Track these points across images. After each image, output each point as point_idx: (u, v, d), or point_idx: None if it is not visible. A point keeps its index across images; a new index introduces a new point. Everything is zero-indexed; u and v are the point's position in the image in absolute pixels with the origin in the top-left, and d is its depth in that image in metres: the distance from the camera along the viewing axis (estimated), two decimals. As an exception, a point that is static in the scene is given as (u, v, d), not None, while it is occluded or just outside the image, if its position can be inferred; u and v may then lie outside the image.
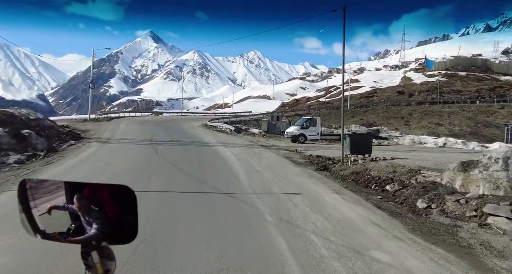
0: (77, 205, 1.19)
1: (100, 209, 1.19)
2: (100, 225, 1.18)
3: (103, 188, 1.22)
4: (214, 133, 25.18)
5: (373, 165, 10.63)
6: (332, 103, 62.41)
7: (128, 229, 1.19)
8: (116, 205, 1.20)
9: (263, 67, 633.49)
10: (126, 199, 1.19)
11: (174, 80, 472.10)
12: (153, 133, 20.80)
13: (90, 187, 1.22)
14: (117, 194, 1.20)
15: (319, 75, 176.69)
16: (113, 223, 1.19)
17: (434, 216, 6.76)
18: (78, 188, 1.21)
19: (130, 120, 33.46)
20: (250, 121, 46.00)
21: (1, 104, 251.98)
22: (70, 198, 1.21)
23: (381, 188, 8.83)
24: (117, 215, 1.20)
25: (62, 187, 1.23)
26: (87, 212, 1.19)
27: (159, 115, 49.88)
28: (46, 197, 1.23)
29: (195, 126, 32.41)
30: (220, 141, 19.09)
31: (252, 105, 77.54)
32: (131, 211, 1.19)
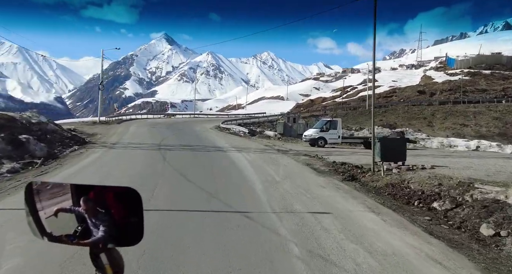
0: (84, 207, 1.21)
1: (106, 211, 1.21)
2: (106, 227, 1.19)
3: (108, 190, 1.24)
4: (227, 136, 23.97)
5: (412, 176, 9.12)
6: (348, 103, 60.36)
7: (134, 231, 1.21)
8: (122, 207, 1.22)
9: (277, 68, 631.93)
10: (132, 201, 1.21)
11: (188, 82, 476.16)
12: (163, 137, 19.73)
13: (96, 189, 1.24)
14: (122, 196, 1.22)
15: (333, 76, 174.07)
16: (119, 225, 1.20)
17: (509, 248, 5.25)
18: (84, 190, 1.23)
19: (141, 123, 32.63)
20: (264, 123, 44.66)
21: (20, 107, 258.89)
22: (77, 200, 1.23)
23: (427, 205, 7.33)
24: (123, 217, 1.22)
25: (69, 189, 1.25)
26: (93, 214, 1.21)
27: (171, 117, 49.15)
28: (53, 200, 1.24)
29: (208, 128, 31.30)
30: (234, 145, 17.83)
31: (266, 106, 76.10)
32: (136, 213, 1.21)
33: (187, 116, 52.20)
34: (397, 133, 24.29)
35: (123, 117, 39.03)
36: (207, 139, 20.69)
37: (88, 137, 18.20)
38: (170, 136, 20.74)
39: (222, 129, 31.32)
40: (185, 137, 21.15)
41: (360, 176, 10.12)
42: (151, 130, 24.45)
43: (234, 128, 30.45)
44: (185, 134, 23.24)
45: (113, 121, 32.17)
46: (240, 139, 22.12)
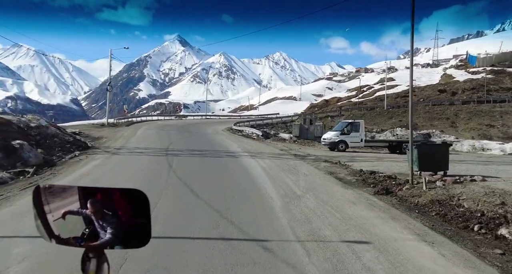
0: (91, 209, 1.21)
1: (113, 213, 1.21)
2: (114, 229, 1.20)
3: (115, 192, 1.24)
4: (240, 139, 22.66)
5: (462, 190, 7.57)
6: (365, 103, 58.23)
7: (142, 232, 1.21)
8: (129, 209, 1.21)
9: (289, 68, 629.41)
10: (139, 203, 1.20)
11: (201, 83, 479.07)
12: (171, 141, 18.58)
13: (103, 192, 1.24)
14: (129, 197, 1.22)
15: (346, 75, 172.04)
16: (126, 227, 1.20)
17: None
18: (91, 193, 1.24)
19: (151, 125, 31.66)
20: (278, 124, 43.20)
21: (37, 108, 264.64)
22: (84, 202, 1.23)
23: (491, 231, 5.79)
24: (130, 218, 1.21)
25: (76, 192, 1.25)
26: (101, 216, 1.21)
27: (182, 118, 48.16)
28: (61, 202, 1.25)
29: (219, 130, 30.10)
30: (247, 150, 16.50)
31: (279, 107, 74.54)
32: (144, 215, 1.20)
33: (199, 117, 51.20)
34: (424, 136, 22.45)
35: (133, 119, 38.23)
36: (218, 142, 19.43)
37: (93, 140, 17.18)
38: (179, 140, 19.57)
39: (234, 132, 30.04)
40: (195, 140, 19.97)
41: (396, 188, 8.61)
42: (160, 133, 23.38)
43: (246, 131, 29.14)
44: (195, 137, 22.07)
45: (122, 124, 31.28)
46: (254, 142, 20.78)
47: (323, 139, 19.02)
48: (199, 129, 29.37)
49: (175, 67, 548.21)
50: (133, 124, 31.91)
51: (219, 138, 22.71)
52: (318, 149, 19.24)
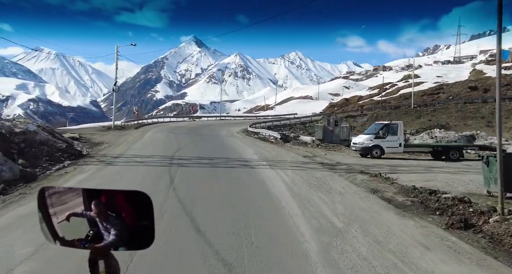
0: (95, 211, 1.22)
1: (117, 215, 1.21)
2: (117, 230, 1.20)
3: (119, 194, 1.25)
4: (256, 143, 20.40)
5: None
6: (389, 102, 54.82)
7: (145, 234, 1.21)
8: (133, 211, 1.22)
9: (305, 67, 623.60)
10: (142, 205, 1.21)
11: (217, 83, 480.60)
12: (179, 146, 16.53)
13: (107, 193, 1.25)
14: (133, 199, 1.23)
15: (364, 74, 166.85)
16: (130, 229, 1.21)
17: None
18: (95, 195, 1.24)
19: (161, 127, 29.83)
20: (296, 125, 40.70)
21: (58, 110, 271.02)
22: (88, 204, 1.23)
23: None
24: (134, 220, 1.22)
25: (80, 194, 1.26)
26: (105, 218, 1.21)
27: (196, 120, 46.22)
28: (65, 204, 1.25)
29: (234, 133, 27.93)
30: (264, 156, 14.23)
31: (296, 106, 71.76)
32: (147, 217, 1.21)
33: (214, 119, 49.23)
34: (467, 138, 19.51)
35: (145, 121, 36.57)
36: (232, 147, 17.23)
37: (91, 147, 15.31)
38: (189, 144, 17.50)
39: (250, 134, 27.81)
40: (206, 145, 17.86)
41: (478, 220, 6.11)
42: (169, 136, 21.42)
43: (263, 133, 26.82)
44: (207, 141, 19.97)
45: (131, 126, 29.55)
46: (272, 147, 18.46)
47: (353, 144, 16.37)
48: (212, 132, 27.28)
49: (191, 68, 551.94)
50: (143, 127, 30.17)
51: (233, 141, 20.53)
52: (346, 155, 16.73)
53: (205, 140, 20.79)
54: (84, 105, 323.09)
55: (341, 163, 13.11)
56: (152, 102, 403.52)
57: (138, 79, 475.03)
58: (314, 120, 42.94)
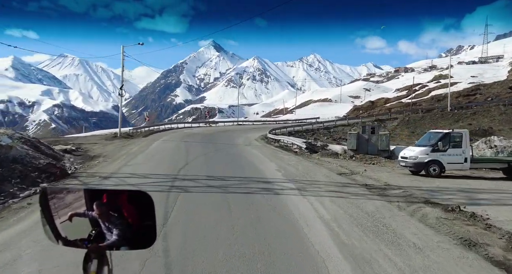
0: (97, 211, 1.22)
1: (119, 215, 1.22)
2: (120, 230, 1.21)
3: (121, 193, 1.25)
4: (278, 154, 17.57)
5: None
6: (419, 104, 50.66)
7: (147, 234, 1.22)
8: (135, 210, 1.22)
9: (323, 70, 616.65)
10: (144, 204, 1.22)
11: (235, 87, 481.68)
12: (188, 159, 13.94)
13: (109, 193, 1.25)
14: (135, 199, 1.23)
15: (384, 75, 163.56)
16: (132, 228, 1.22)
17: None
18: (97, 195, 1.25)
19: (173, 135, 27.48)
20: (319, 131, 37.56)
21: (81, 115, 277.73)
22: (90, 205, 1.24)
23: None
24: (136, 220, 1.23)
25: (82, 194, 1.26)
26: (107, 218, 1.22)
27: (212, 125, 43.74)
28: (67, 205, 1.25)
29: (252, 140, 25.23)
30: (290, 174, 11.40)
31: (317, 110, 68.35)
32: (149, 217, 1.22)
33: (231, 124, 46.71)
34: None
35: (157, 128, 34.39)
36: (250, 160, 14.48)
37: (84, 161, 12.93)
38: (199, 157, 14.89)
39: (270, 142, 25.00)
40: (220, 157, 15.19)
41: None
42: (179, 146, 18.91)
43: (285, 140, 23.91)
44: (221, 152, 17.31)
45: (140, 134, 27.29)
46: (297, 159, 15.57)
47: (402, 158, 12.99)
48: (228, 140, 24.65)
49: (210, 72, 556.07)
50: (154, 134, 27.88)
51: (251, 152, 17.78)
52: (391, 170, 13.57)
53: (219, 150, 18.13)
54: (106, 110, 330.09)
55: (391, 185, 10.07)
56: (171, 106, 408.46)
57: (158, 84, 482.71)
58: (339, 125, 39.68)
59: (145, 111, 64.06)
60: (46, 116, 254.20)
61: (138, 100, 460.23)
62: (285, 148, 20.99)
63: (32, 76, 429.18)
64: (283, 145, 22.69)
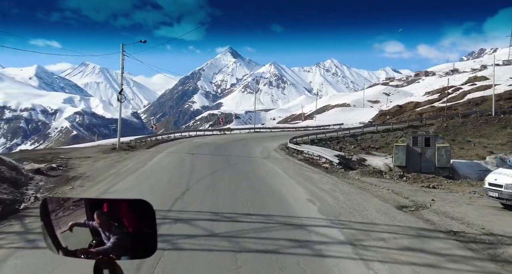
0: (98, 221, 1.22)
1: (120, 224, 1.22)
2: (120, 240, 1.20)
3: (121, 203, 1.25)
4: (304, 171, 14.05)
5: None
6: (455, 108, 45.95)
7: (148, 243, 1.21)
8: (135, 220, 1.22)
9: (340, 75, 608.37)
10: (145, 213, 1.21)
11: (252, 93, 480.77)
12: (189, 183, 10.66)
13: (109, 203, 1.25)
14: (135, 208, 1.23)
15: (404, 80, 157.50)
16: (133, 237, 1.21)
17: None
18: (97, 204, 1.25)
19: (180, 146, 24.40)
20: (345, 139, 33.75)
21: (102, 122, 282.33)
22: (91, 214, 1.24)
23: None
24: (137, 229, 1.22)
25: (83, 204, 1.27)
26: (107, 228, 1.22)
27: (225, 132, 40.46)
28: (68, 215, 1.26)
29: (271, 151, 21.85)
30: (329, 209, 7.93)
31: (339, 115, 64.21)
32: (150, 225, 1.21)
33: (247, 131, 43.42)
34: None
35: (165, 137, 31.43)
36: (270, 183, 11.09)
37: (55, 186, 9.92)
38: (205, 178, 11.63)
39: (292, 153, 21.54)
40: (231, 178, 11.85)
41: None
42: (184, 161, 15.71)
43: (310, 151, 20.32)
44: (233, 169, 13.97)
45: (144, 145, 24.30)
46: (331, 180, 12.02)
47: (492, 186, 8.91)
48: (242, 151, 21.38)
49: (227, 78, 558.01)
50: (160, 144, 24.95)
51: (271, 168, 14.38)
52: (469, 200, 9.76)
53: (232, 165, 14.84)
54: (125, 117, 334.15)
55: (496, 235, 6.42)
56: (189, 113, 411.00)
57: (176, 91, 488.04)
58: (367, 132, 35.73)
59: (152, 119, 59.16)
60: (67, 123, 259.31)
61: (157, 107, 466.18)
62: (311, 162, 17.47)
63: (54, 84, 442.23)
64: (308, 158, 19.18)
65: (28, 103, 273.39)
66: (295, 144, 25.59)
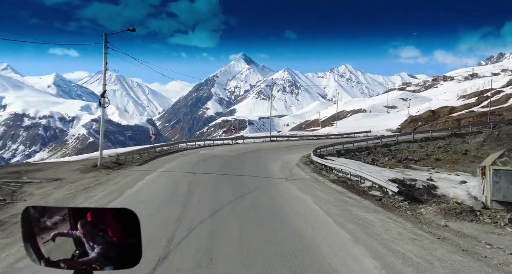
0: (81, 231, 1.19)
1: (104, 234, 1.19)
2: (103, 249, 1.17)
3: (106, 212, 1.22)
4: (349, 207, 9.31)
5: None
6: (499, 113, 40.36)
7: (132, 253, 1.18)
8: (120, 229, 1.20)
9: (355, 80, 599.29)
10: (129, 223, 1.18)
11: (265, 99, 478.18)
12: (171, 241, 6.35)
13: (93, 212, 1.22)
14: (120, 217, 1.20)
15: (422, 85, 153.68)
16: (117, 247, 1.19)
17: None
18: (81, 213, 1.22)
19: (183, 160, 20.13)
20: (376, 148, 28.93)
21: (117, 129, 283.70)
22: (74, 224, 1.21)
23: None
24: (121, 238, 1.19)
25: (66, 213, 1.23)
26: (91, 237, 1.19)
27: (238, 142, 35.66)
28: (50, 224, 1.22)
29: (292, 167, 17.40)
30: None
31: (362, 121, 58.91)
32: (134, 235, 1.18)
33: (261, 140, 38.84)
34: None
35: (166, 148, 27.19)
36: (303, 233, 6.64)
37: None
38: (202, 224, 7.26)
39: (320, 170, 16.96)
40: (241, 222, 7.41)
41: None
42: (176, 189, 11.29)
43: (346, 170, 15.65)
44: (245, 203, 9.50)
45: (137, 159, 20.05)
46: (404, 231, 7.30)
47: None
48: (258, 167, 17.03)
49: (241, 85, 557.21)
50: (159, 158, 20.74)
51: (300, 201, 9.91)
52: None
53: (243, 196, 10.43)
54: (141, 124, 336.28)
55: None
56: (203, 119, 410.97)
57: (190, 98, 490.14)
58: (401, 141, 30.82)
59: (151, 128, 52.63)
60: (84, 130, 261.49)
61: (171, 113, 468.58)
62: (350, 186, 12.93)
63: (72, 92, 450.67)
64: (343, 178, 14.62)
65: (47, 111, 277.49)
66: (320, 157, 21.04)
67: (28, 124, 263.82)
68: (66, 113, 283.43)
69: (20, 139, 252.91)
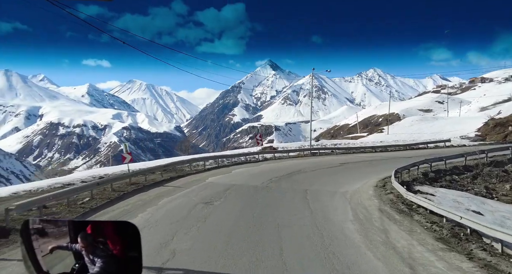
0: (81, 244, 1.17)
1: (104, 247, 1.17)
2: (104, 263, 1.14)
3: (106, 225, 1.21)
4: None
5: None
6: None
7: (133, 266, 1.15)
8: (120, 242, 1.18)
9: (384, 84, 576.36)
10: (130, 235, 1.16)
11: (291, 105, 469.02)
12: None
13: (94, 224, 1.19)
14: (121, 230, 1.18)
15: (458, 87, 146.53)
16: (117, 261, 1.16)
17: None
18: (81, 226, 1.18)
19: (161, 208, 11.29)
20: (478, 166, 20.13)
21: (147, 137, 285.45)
22: (74, 237, 1.18)
23: None
24: (121, 251, 1.17)
25: (66, 225, 1.20)
26: (91, 251, 1.16)
27: (264, 156, 26.44)
28: (50, 237, 1.19)
29: (374, 218, 9.59)
30: None
31: (419, 126, 49.02)
32: (135, 248, 1.16)
33: (296, 153, 30.57)
34: None
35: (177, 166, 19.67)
36: None
37: None
38: None
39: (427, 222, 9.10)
40: None
41: None
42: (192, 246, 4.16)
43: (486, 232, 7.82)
44: None
45: (146, 182, 12.65)
46: None
47: None
48: (302, 210, 9.43)
49: (267, 91, 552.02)
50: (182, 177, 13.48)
51: None
52: None
53: None
54: (169, 131, 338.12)
55: None
56: (229, 125, 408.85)
57: (217, 104, 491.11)
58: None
59: (123, 145, 34.22)
60: (116, 138, 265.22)
61: (199, 120, 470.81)
62: None
63: (104, 101, 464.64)
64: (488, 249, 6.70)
65: (80, 120, 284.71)
66: (407, 187, 13.04)
67: (63, 133, 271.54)
68: (99, 122, 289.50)
69: (55, 147, 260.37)
